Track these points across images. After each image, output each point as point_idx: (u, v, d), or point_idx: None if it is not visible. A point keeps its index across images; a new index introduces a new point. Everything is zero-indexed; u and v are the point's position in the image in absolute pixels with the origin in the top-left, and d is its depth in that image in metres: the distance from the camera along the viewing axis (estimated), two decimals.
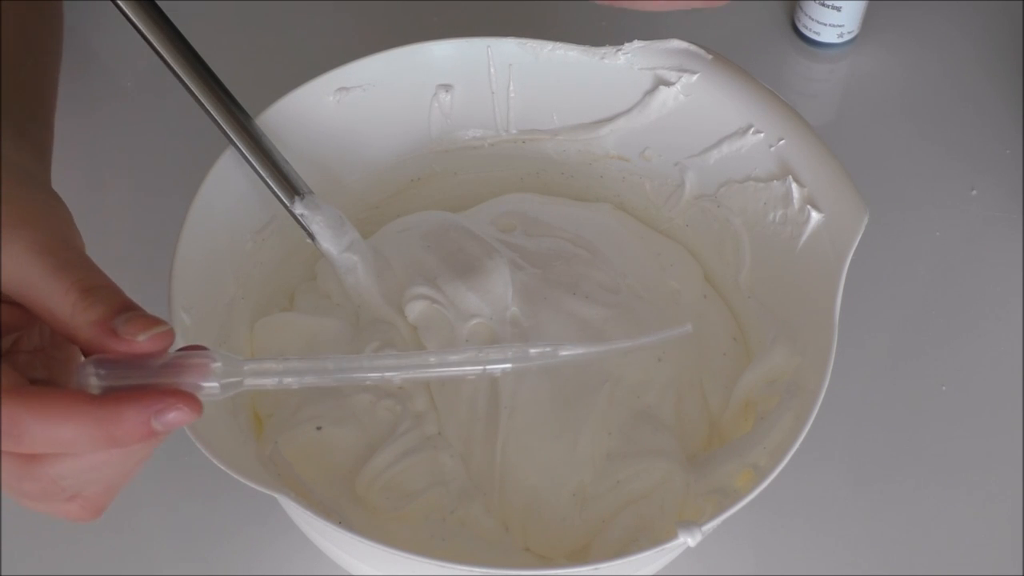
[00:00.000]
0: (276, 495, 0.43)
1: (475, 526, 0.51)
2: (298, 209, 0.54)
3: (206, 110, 0.53)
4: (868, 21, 0.79)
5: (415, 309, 0.56)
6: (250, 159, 0.53)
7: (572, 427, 0.53)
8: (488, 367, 0.43)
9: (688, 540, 0.43)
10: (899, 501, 0.60)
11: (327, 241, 0.54)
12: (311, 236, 0.54)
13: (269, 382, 0.40)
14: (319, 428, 0.53)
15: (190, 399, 0.37)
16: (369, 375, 0.42)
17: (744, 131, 0.56)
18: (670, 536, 0.44)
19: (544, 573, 0.48)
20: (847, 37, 0.78)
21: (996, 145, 0.74)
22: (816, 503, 0.59)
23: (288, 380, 0.41)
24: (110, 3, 0.52)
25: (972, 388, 0.64)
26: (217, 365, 0.39)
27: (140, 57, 0.55)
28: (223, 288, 0.54)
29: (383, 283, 0.56)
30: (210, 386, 0.38)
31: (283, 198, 0.54)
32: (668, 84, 0.57)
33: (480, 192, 0.63)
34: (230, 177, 0.54)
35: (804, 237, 0.53)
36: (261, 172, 0.53)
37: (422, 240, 0.58)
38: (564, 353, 0.44)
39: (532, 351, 0.43)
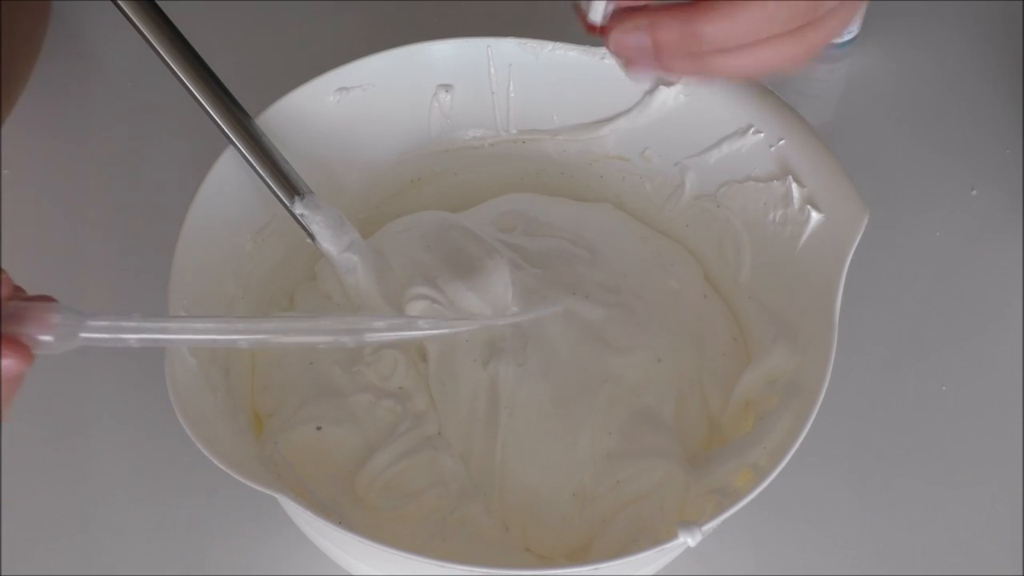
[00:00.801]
0: (276, 495, 0.43)
1: (475, 526, 0.51)
2: (298, 209, 0.54)
3: (206, 110, 0.53)
4: (868, 21, 0.79)
5: (415, 309, 0.56)
6: (250, 159, 0.53)
7: (572, 427, 0.53)
8: (368, 336, 0.42)
9: (688, 540, 0.43)
10: (899, 501, 0.60)
11: (327, 241, 0.54)
12: (311, 236, 0.54)
13: (108, 338, 0.40)
14: (319, 428, 0.53)
15: (20, 348, 0.37)
16: (216, 337, 0.41)
17: (744, 131, 0.56)
18: (670, 536, 0.44)
19: (544, 573, 0.48)
20: (847, 37, 0.78)
21: (996, 145, 0.74)
22: (816, 503, 0.59)
23: (128, 337, 0.40)
24: (110, 3, 0.52)
25: (972, 388, 0.64)
26: (57, 317, 0.39)
27: (140, 57, 0.55)
28: (223, 288, 0.54)
29: (383, 283, 0.56)
30: (46, 339, 0.39)
31: (283, 198, 0.54)
32: (668, 84, 0.57)
33: (480, 192, 0.63)
34: (230, 177, 0.54)
35: (804, 237, 0.53)
36: (261, 172, 0.53)
37: (422, 240, 0.58)
38: (423, 325, 0.43)
39: (371, 320, 0.43)
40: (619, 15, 0.40)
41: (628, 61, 0.40)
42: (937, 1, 0.82)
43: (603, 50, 0.57)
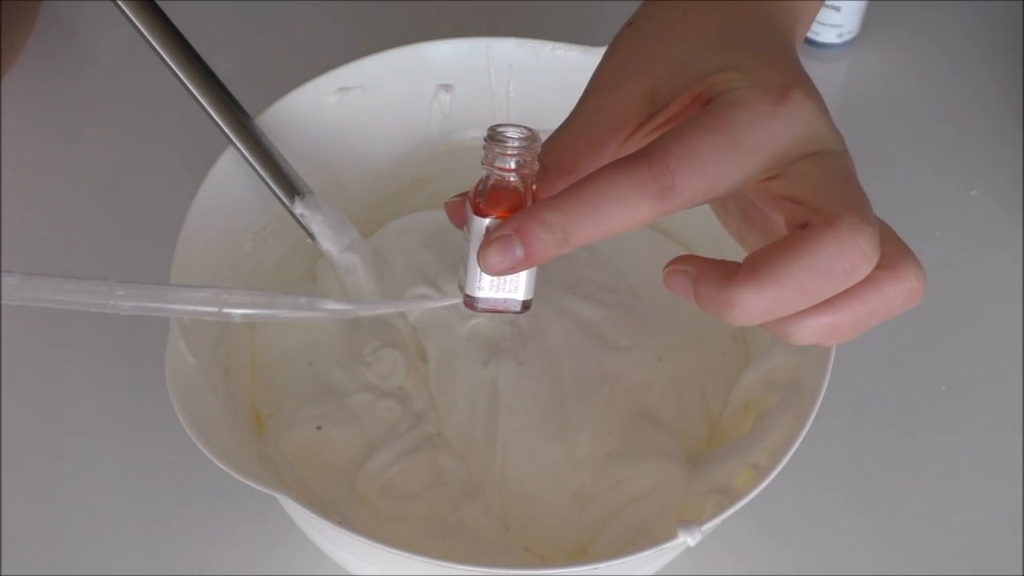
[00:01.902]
0: (276, 495, 0.43)
1: (475, 526, 0.51)
2: (298, 209, 0.54)
3: (206, 110, 0.53)
4: (868, 21, 0.79)
5: (416, 309, 0.56)
6: (250, 159, 0.53)
7: (572, 427, 0.53)
8: (224, 309, 0.41)
9: (688, 540, 0.43)
10: (898, 501, 0.60)
11: (327, 241, 0.54)
12: (311, 236, 0.54)
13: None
14: (319, 428, 0.53)
15: None
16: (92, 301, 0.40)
17: None
18: (670, 536, 0.44)
19: (544, 573, 0.48)
20: (847, 37, 0.78)
21: (996, 145, 0.74)
22: (816, 503, 0.59)
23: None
24: (110, 3, 0.52)
25: (972, 388, 0.64)
26: None
27: (140, 57, 0.55)
28: None
29: (383, 283, 0.56)
30: None
31: (283, 198, 0.54)
32: None
33: None
34: (230, 177, 0.54)
35: None
36: (261, 172, 0.53)
37: (422, 240, 0.58)
38: (327, 307, 0.43)
39: (284, 298, 0.42)
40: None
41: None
42: (937, 1, 0.82)
43: (603, 50, 0.57)
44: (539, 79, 0.59)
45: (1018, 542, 0.59)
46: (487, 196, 0.39)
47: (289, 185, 0.54)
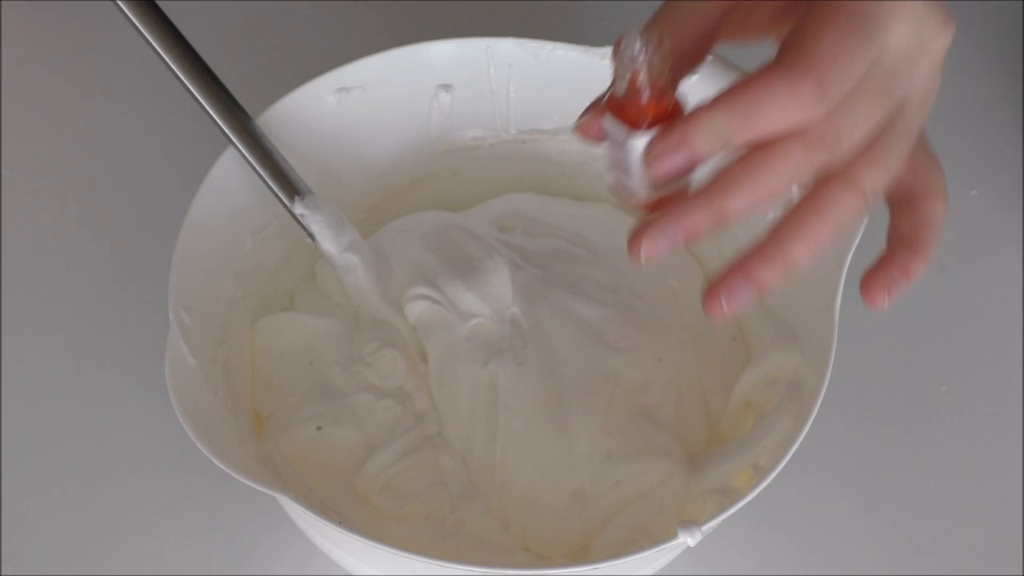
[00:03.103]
0: (276, 495, 0.43)
1: (475, 526, 0.51)
2: (298, 209, 0.54)
3: (206, 110, 0.53)
4: None
5: (415, 309, 0.56)
6: (250, 159, 0.53)
7: (572, 427, 0.53)
8: None
9: (688, 540, 0.43)
10: (899, 501, 0.60)
11: (327, 241, 0.55)
12: (311, 236, 0.54)
13: None
14: (319, 428, 0.53)
15: None
16: None
17: None
18: (670, 536, 0.44)
19: (544, 573, 0.48)
20: None
21: (996, 145, 0.74)
22: (816, 503, 0.59)
23: None
24: (110, 3, 0.52)
25: (972, 388, 0.64)
26: None
27: (140, 57, 0.56)
28: (223, 288, 0.54)
29: (383, 283, 0.56)
30: None
31: (283, 198, 0.54)
32: None
33: (480, 192, 0.63)
34: (230, 177, 0.54)
35: None
36: (261, 172, 0.53)
37: (422, 240, 0.58)
38: None
39: None
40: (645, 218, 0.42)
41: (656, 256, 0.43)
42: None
43: (603, 50, 0.57)
44: (539, 79, 0.59)
45: (1018, 542, 0.59)
46: (627, 105, 0.41)
47: (289, 185, 0.54)
